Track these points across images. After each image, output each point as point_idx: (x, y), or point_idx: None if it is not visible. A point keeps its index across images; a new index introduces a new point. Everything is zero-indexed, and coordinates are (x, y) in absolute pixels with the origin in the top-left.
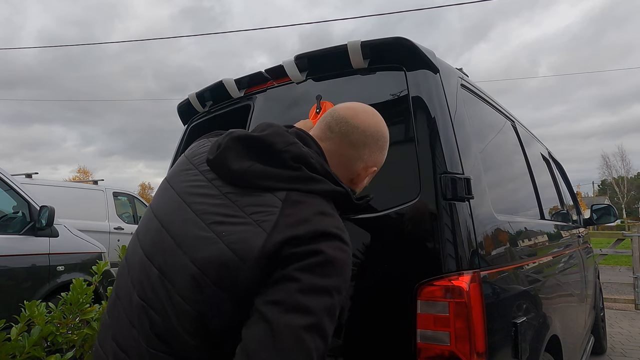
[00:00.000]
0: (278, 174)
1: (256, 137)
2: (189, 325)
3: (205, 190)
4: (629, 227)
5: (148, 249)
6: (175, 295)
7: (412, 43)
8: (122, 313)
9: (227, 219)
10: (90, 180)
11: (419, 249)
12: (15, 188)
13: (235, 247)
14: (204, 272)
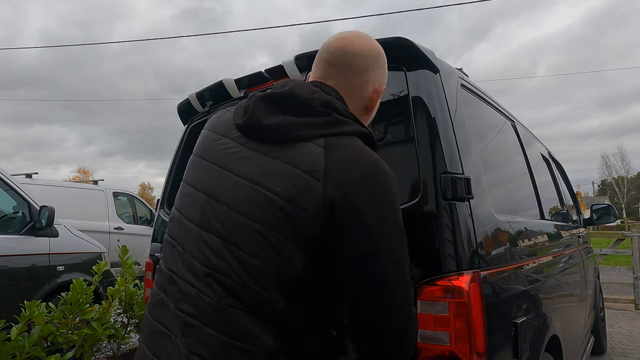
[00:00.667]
0: (311, 122)
1: (281, 93)
2: (264, 281)
3: (244, 154)
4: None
5: (200, 221)
6: (242, 255)
7: (412, 43)
8: (185, 285)
9: (276, 175)
10: (90, 180)
11: (419, 249)
12: (15, 188)
13: (293, 198)
14: (267, 227)
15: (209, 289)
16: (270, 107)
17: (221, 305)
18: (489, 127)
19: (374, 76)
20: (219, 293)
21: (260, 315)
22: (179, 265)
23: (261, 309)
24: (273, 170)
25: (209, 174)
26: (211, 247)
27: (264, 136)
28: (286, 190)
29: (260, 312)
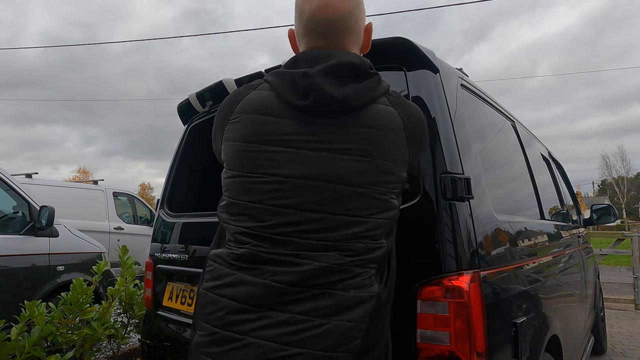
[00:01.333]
0: (370, 85)
1: (338, 64)
2: (374, 232)
3: (322, 130)
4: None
5: (310, 205)
6: (353, 214)
7: (412, 43)
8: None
9: (361, 145)
10: (90, 180)
11: (419, 249)
12: (15, 188)
13: (391, 158)
14: (376, 189)
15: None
16: (334, 79)
17: (332, 244)
18: (489, 127)
19: (362, 20)
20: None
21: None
22: (285, 230)
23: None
24: (361, 138)
25: (303, 161)
26: (326, 219)
27: (337, 108)
28: (382, 153)
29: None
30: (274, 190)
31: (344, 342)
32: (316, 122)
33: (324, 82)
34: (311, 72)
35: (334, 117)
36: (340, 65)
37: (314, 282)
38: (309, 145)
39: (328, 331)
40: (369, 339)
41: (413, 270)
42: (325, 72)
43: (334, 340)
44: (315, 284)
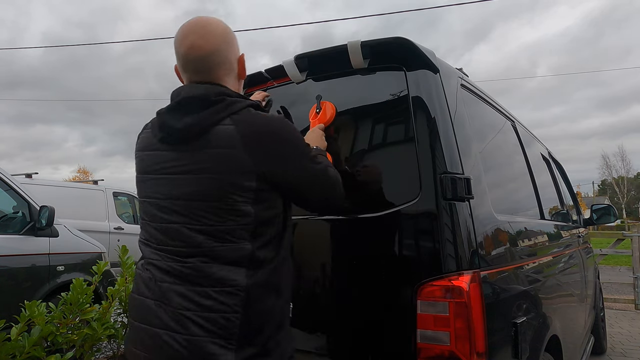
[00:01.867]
0: (214, 110)
1: (181, 99)
2: (229, 236)
3: (180, 156)
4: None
5: (180, 218)
6: (209, 224)
7: (412, 43)
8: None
9: (205, 165)
10: (90, 180)
11: (419, 249)
12: (15, 188)
13: (229, 171)
14: (223, 200)
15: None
16: (178, 113)
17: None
18: (489, 127)
19: (232, 53)
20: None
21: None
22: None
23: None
24: (204, 159)
25: (159, 183)
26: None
27: (182, 136)
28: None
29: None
30: (158, 209)
31: (215, 328)
32: (175, 150)
33: (169, 117)
34: (161, 111)
35: (184, 144)
36: (183, 100)
37: (189, 280)
38: (174, 169)
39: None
40: (244, 326)
41: (413, 270)
42: (171, 108)
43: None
44: (189, 281)
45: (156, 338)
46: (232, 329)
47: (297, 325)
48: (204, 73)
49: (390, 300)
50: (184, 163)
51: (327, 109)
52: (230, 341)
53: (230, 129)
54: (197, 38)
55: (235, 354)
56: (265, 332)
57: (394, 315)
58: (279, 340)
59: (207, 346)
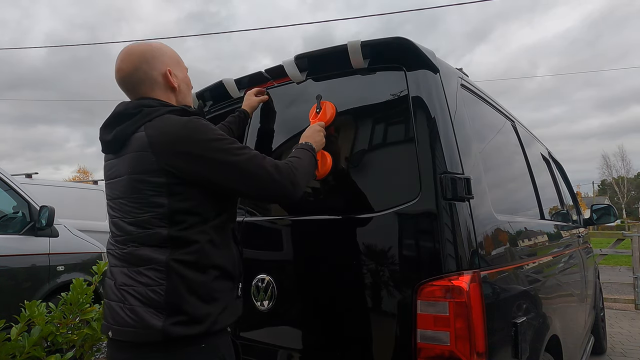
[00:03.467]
0: (132, 122)
1: (109, 117)
2: (148, 224)
3: (117, 162)
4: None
5: (119, 214)
6: (136, 216)
7: (412, 43)
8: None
9: (127, 167)
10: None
11: (419, 249)
12: (15, 188)
13: (140, 170)
14: (140, 194)
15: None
16: (108, 128)
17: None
18: (489, 127)
19: (156, 69)
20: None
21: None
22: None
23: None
24: (126, 163)
25: (108, 187)
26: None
27: (113, 147)
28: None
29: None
30: (109, 208)
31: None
32: (114, 158)
33: (102, 133)
34: (100, 128)
35: (116, 152)
36: (110, 117)
37: (127, 261)
38: (112, 174)
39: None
40: (169, 296)
41: (413, 270)
42: (104, 125)
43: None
44: (128, 263)
45: (112, 309)
46: (159, 299)
47: (298, 326)
48: (132, 91)
49: (390, 300)
50: (116, 168)
51: (327, 108)
52: (159, 310)
53: (142, 135)
54: (119, 62)
55: (165, 319)
56: (190, 302)
57: (394, 315)
58: (210, 312)
59: (143, 314)
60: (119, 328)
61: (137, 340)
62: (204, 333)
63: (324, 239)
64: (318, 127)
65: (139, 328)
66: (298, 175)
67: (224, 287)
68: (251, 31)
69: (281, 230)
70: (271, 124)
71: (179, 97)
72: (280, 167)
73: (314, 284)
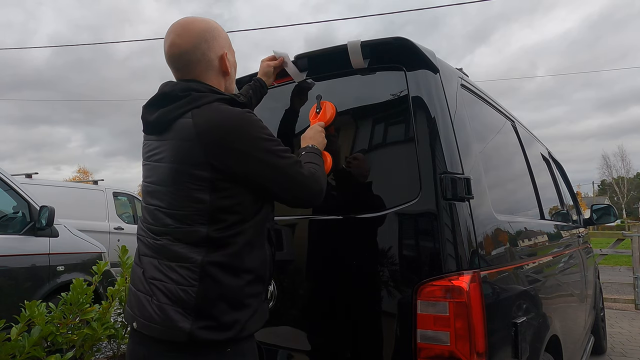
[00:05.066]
0: (177, 105)
1: (153, 96)
2: (187, 220)
3: (156, 145)
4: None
5: (159, 203)
6: (172, 208)
7: (412, 43)
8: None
9: (168, 154)
10: (90, 180)
11: (419, 249)
12: (15, 188)
13: (185, 162)
14: (180, 186)
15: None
16: (151, 108)
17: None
18: (489, 127)
19: (213, 51)
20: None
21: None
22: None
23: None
24: (168, 148)
25: (147, 168)
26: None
27: (157, 128)
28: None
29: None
30: (145, 192)
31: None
32: (156, 140)
33: (145, 112)
34: (143, 105)
35: (159, 134)
36: (156, 97)
37: (162, 255)
38: (153, 157)
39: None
40: (200, 299)
41: (413, 270)
42: (147, 104)
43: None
44: (160, 255)
45: (139, 300)
46: (189, 300)
47: (298, 326)
48: (183, 70)
49: (390, 300)
50: (158, 151)
51: (327, 109)
52: (188, 311)
53: (189, 122)
54: (175, 37)
55: (193, 322)
56: (220, 307)
57: (394, 315)
58: (239, 318)
59: (171, 313)
60: (144, 322)
61: (162, 338)
62: (231, 339)
63: (324, 239)
64: (319, 128)
65: (166, 327)
66: (323, 182)
67: (255, 292)
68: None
69: (281, 231)
70: (271, 124)
71: (227, 82)
72: (315, 174)
73: (314, 284)
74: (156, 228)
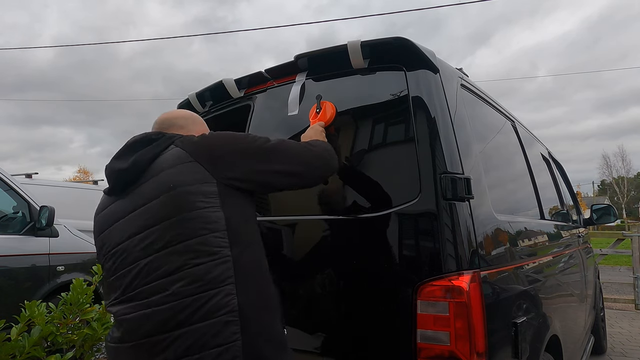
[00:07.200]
0: (156, 145)
1: (125, 146)
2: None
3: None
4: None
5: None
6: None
7: (412, 43)
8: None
9: (162, 186)
10: (90, 180)
11: (419, 249)
12: (15, 188)
13: (186, 182)
14: (187, 207)
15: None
16: (122, 158)
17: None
18: (489, 127)
19: (194, 131)
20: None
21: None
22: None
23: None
24: (161, 182)
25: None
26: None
27: (130, 175)
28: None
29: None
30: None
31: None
32: (121, 198)
33: (117, 163)
34: (111, 159)
35: (132, 183)
36: (124, 148)
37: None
38: (133, 207)
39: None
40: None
41: (413, 270)
42: (118, 155)
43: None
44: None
45: None
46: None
47: (297, 326)
48: (162, 125)
49: (390, 300)
50: (132, 201)
51: (327, 108)
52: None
53: (177, 149)
54: (169, 113)
55: None
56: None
57: (394, 315)
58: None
59: None
60: None
61: None
62: None
63: (324, 239)
64: (319, 128)
65: None
66: (323, 147)
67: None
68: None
69: (281, 230)
70: (271, 124)
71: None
72: (312, 142)
73: (313, 284)
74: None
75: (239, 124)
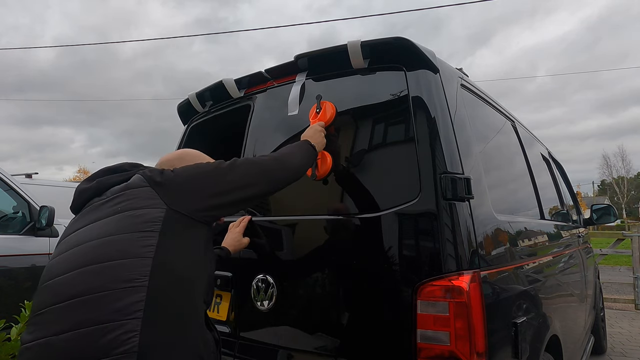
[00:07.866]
0: (125, 174)
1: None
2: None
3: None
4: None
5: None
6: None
7: (412, 43)
8: None
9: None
10: None
11: (419, 249)
12: (15, 188)
13: (136, 206)
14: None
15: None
16: (89, 180)
17: None
18: (489, 127)
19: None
20: None
21: None
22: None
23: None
24: (117, 202)
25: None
26: None
27: (90, 193)
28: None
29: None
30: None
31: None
32: (82, 216)
33: (82, 184)
34: (83, 181)
35: (96, 196)
36: (98, 172)
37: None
38: (89, 220)
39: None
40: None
41: (413, 270)
42: (87, 179)
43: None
44: None
45: None
46: None
47: (298, 325)
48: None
49: (390, 300)
50: (91, 216)
51: (327, 108)
52: None
53: (137, 177)
54: (171, 154)
55: None
56: None
57: (394, 315)
58: None
59: None
60: None
61: None
62: None
63: (324, 239)
64: (319, 128)
65: None
66: (285, 158)
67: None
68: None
69: (281, 230)
70: (271, 124)
71: None
72: (265, 156)
73: (313, 284)
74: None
75: (239, 124)
